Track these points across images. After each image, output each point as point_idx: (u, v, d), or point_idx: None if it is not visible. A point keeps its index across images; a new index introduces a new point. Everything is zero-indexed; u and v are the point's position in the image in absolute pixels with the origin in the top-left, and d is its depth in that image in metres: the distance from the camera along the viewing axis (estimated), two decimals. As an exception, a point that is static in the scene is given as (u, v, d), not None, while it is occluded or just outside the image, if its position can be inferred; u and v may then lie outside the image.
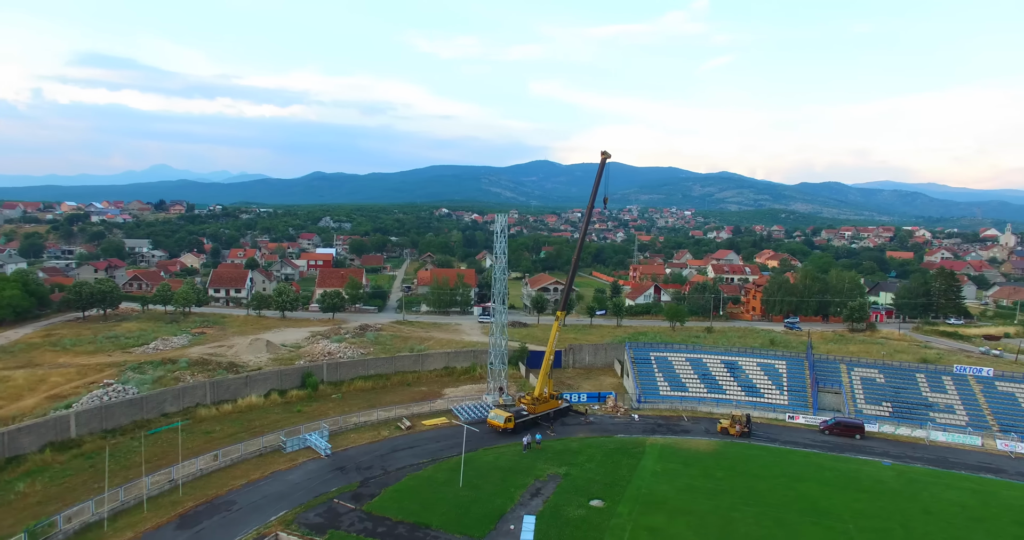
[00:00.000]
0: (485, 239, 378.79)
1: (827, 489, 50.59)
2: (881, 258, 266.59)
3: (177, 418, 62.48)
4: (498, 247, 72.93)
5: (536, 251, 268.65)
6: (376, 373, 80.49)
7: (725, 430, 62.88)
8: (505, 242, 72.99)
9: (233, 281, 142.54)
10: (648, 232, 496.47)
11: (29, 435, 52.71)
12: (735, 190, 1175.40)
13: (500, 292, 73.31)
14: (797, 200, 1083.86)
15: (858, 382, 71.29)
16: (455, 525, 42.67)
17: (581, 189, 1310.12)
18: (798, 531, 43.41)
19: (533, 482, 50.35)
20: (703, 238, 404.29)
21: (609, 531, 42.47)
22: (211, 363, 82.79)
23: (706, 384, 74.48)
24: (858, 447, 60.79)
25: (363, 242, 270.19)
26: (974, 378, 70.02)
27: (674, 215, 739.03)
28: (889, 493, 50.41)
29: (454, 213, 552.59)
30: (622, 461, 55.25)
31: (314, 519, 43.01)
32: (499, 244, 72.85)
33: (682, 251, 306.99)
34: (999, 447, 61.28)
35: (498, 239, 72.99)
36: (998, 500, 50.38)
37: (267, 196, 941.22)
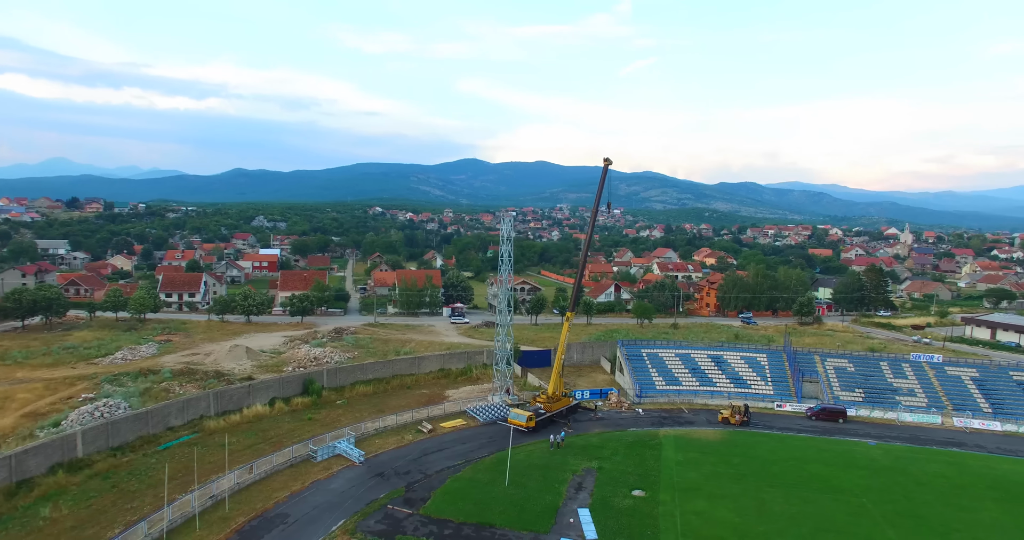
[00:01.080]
0: (425, 238, 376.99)
1: (832, 468, 55.87)
2: (805, 255, 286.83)
3: (183, 431, 60.32)
4: (504, 252, 74.21)
5: (483, 250, 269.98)
6: (374, 377, 79.92)
7: (726, 420, 67.49)
8: (511, 247, 74.31)
9: (186, 285, 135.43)
10: (582, 231, 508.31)
11: (36, 457, 49.32)
12: (659, 189, 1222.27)
13: (505, 295, 74.76)
14: (717, 199, 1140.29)
15: (832, 371, 78.23)
16: (517, 522, 44.12)
17: (510, 187, 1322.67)
18: (823, 507, 47.98)
19: (572, 477, 52.48)
20: (638, 237, 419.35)
21: (661, 518, 45.30)
22: (197, 372, 79.42)
23: (697, 378, 79.24)
24: (844, 430, 67.05)
25: (306, 242, 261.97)
26: (927, 364, 78.59)
27: (603, 214, 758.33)
28: (884, 469, 56.30)
29: (388, 212, 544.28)
30: (645, 453, 58.39)
31: (375, 526, 43.19)
32: (505, 249, 74.14)
33: (623, 250, 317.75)
34: (955, 424, 69.41)
35: (504, 244, 74.25)
36: (970, 470, 57.42)
37: (185, 194, 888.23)
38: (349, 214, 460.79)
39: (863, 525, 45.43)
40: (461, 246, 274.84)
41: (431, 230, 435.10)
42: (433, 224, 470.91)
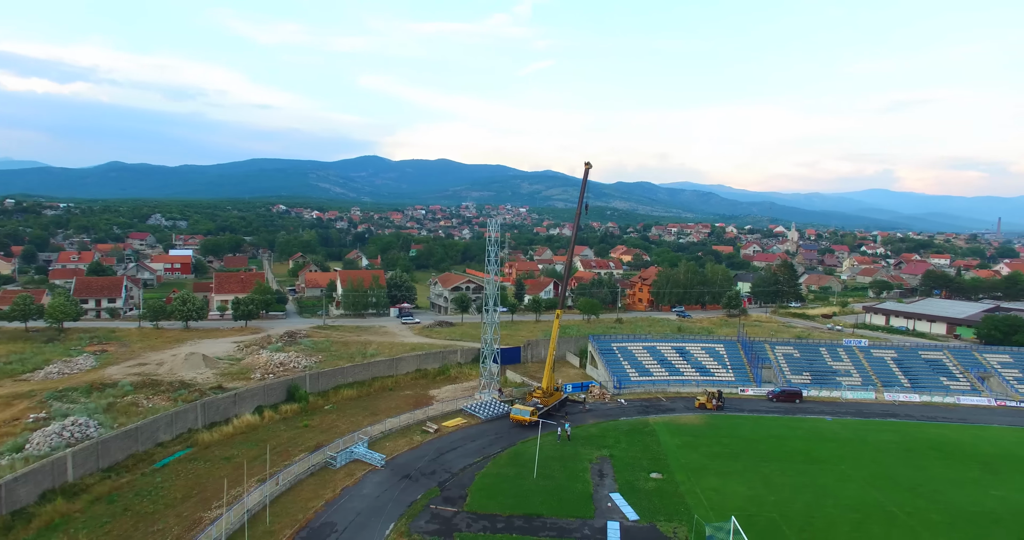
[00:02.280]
0: (339, 237, 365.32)
1: (808, 443, 62.85)
2: (710, 251, 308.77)
3: (175, 446, 56.83)
4: (492, 254, 75.58)
5: (406, 249, 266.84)
6: (355, 380, 78.64)
7: (703, 405, 73.35)
8: (497, 249, 75.81)
9: (105, 290, 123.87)
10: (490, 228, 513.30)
11: (26, 484, 44.75)
12: (560, 188, 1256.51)
13: (493, 295, 76.18)
14: (616, 198, 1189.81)
15: (782, 357, 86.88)
16: (561, 510, 46.27)
17: (412, 185, 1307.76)
18: (814, 476, 54.19)
19: (589, 466, 55.34)
20: (552, 235, 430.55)
21: (686, 496, 49.27)
22: (161, 384, 74.11)
23: (666, 368, 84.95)
24: (802, 409, 75.11)
25: (218, 242, 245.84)
26: (857, 348, 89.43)
27: (510, 212, 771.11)
28: (847, 440, 64.11)
29: (293, 210, 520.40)
30: (645, 440, 62.46)
31: (427, 526, 43.63)
32: (493, 251, 75.54)
33: (542, 248, 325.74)
34: (886, 398, 79.87)
35: (491, 246, 75.64)
36: (910, 435, 66.75)
37: (52, 188, 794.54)
38: (252, 212, 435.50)
39: (851, 489, 51.95)
40: (382, 245, 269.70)
41: (341, 229, 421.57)
42: (343, 222, 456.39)
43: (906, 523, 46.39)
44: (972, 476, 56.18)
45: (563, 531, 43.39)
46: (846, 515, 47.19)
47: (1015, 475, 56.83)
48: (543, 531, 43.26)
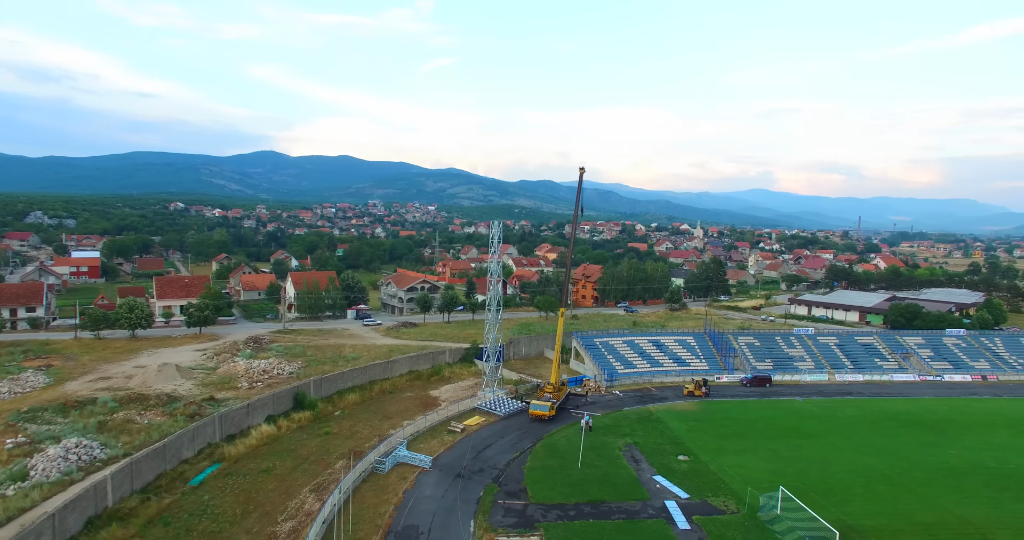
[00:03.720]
0: (251, 236, 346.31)
1: (794, 420, 70.58)
2: (628, 248, 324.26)
3: (201, 463, 54.18)
4: (493, 253, 77.33)
5: (332, 249, 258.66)
6: (353, 385, 77.57)
7: (691, 393, 79.59)
8: (499, 248, 77.65)
9: (24, 298, 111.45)
10: (403, 227, 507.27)
11: (73, 512, 41.63)
12: (465, 186, 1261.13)
13: (495, 296, 77.96)
14: (520, 196, 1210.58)
15: (745, 347, 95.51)
16: (618, 494, 49.65)
17: (313, 182, 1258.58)
18: (814, 449, 61.29)
19: (620, 453, 59.12)
20: (472, 233, 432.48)
21: (719, 474, 54.36)
22: (148, 398, 69.28)
23: (647, 360, 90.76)
24: (774, 392, 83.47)
25: (125, 243, 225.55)
26: (806, 336, 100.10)
27: (419, 210, 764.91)
28: (823, 417, 72.55)
29: (192, 208, 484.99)
30: (655, 426, 67.29)
31: (506, 520, 45.39)
32: (494, 250, 77.31)
33: (467, 247, 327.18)
34: (837, 379, 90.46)
35: (493, 245, 77.39)
36: (868, 409, 76.65)
37: None
38: (147, 210, 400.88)
39: (846, 457, 59.47)
40: (307, 245, 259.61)
41: (250, 228, 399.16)
42: (250, 221, 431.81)
43: (899, 482, 54.21)
44: (928, 439, 65.89)
45: (630, 513, 46.80)
46: (853, 479, 54.31)
47: (959, 436, 67.26)
48: (613, 514, 46.45)
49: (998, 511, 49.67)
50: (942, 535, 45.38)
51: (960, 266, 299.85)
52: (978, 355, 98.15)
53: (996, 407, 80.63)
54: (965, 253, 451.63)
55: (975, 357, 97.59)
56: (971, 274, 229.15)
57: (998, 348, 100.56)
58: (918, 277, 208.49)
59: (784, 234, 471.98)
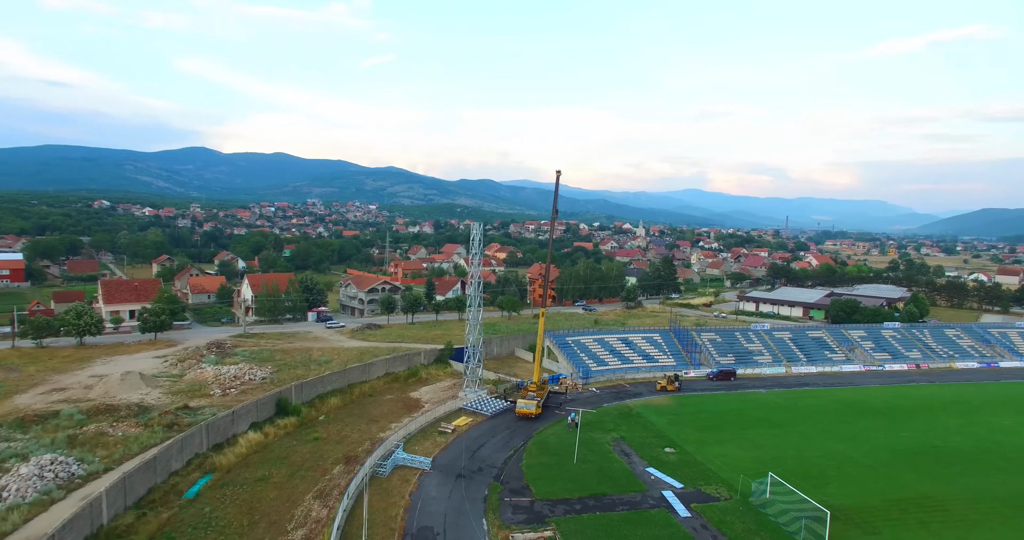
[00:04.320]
0: (189, 236, 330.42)
1: (764, 411, 74.93)
2: (574, 247, 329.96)
3: (188, 473, 52.45)
4: (476, 254, 78.01)
5: (279, 249, 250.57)
6: (333, 389, 76.45)
7: (664, 388, 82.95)
8: (481, 249, 78.40)
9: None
10: (345, 226, 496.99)
11: (71, 532, 39.65)
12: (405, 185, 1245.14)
13: (476, 297, 78.68)
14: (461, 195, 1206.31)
15: (708, 342, 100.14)
16: (618, 487, 51.66)
17: (247, 180, 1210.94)
18: (787, 438, 65.49)
19: (610, 447, 61.29)
20: (419, 232, 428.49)
21: (706, 464, 57.36)
22: (118, 409, 66.12)
23: (617, 357, 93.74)
24: (739, 385, 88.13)
25: (51, 243, 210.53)
26: (762, 331, 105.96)
27: (360, 209, 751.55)
28: (787, 407, 77.43)
29: (119, 206, 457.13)
30: (637, 421, 69.94)
31: (516, 517, 46.47)
32: (476, 251, 77.99)
33: (416, 247, 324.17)
34: (793, 371, 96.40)
35: (474, 246, 78.05)
36: (827, 398, 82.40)
37: None
38: (68, 208, 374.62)
39: (817, 444, 63.94)
40: (253, 245, 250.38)
41: (184, 227, 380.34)
42: (185, 220, 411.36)
43: (866, 464, 58.95)
44: (882, 424, 71.64)
45: (632, 504, 48.89)
46: (825, 463, 58.61)
47: (906, 420, 73.48)
48: (618, 506, 48.40)
49: (951, 485, 55.00)
50: (910, 509, 49.86)
51: (880, 263, 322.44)
52: (911, 345, 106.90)
53: (931, 393, 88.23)
54: (881, 251, 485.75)
55: (909, 348, 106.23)
56: (891, 270, 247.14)
57: (927, 339, 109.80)
58: (849, 274, 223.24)
59: (722, 233, 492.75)
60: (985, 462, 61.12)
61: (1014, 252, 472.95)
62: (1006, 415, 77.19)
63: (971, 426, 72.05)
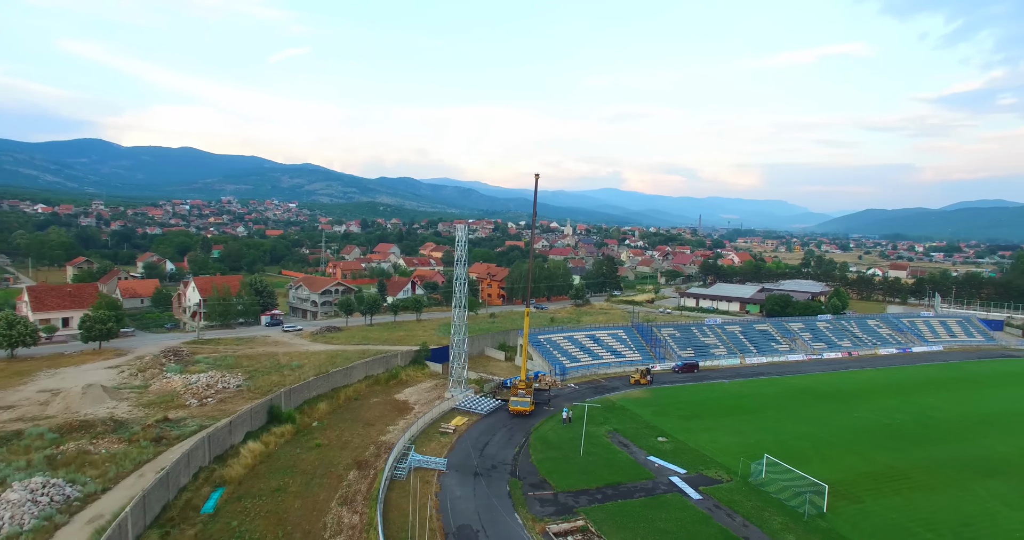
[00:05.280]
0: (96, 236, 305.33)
1: (734, 399, 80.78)
2: (507, 247, 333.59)
3: (197, 488, 50.59)
4: (461, 255, 78.87)
5: (207, 250, 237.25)
6: (319, 394, 75.07)
7: (637, 382, 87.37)
8: (466, 250, 79.34)
9: None
10: (266, 226, 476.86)
11: (102, 556, 37.83)
12: (324, 182, 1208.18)
13: (461, 297, 79.53)
14: (381, 193, 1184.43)
15: (669, 337, 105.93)
16: (628, 476, 54.75)
17: (151, 176, 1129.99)
18: (762, 423, 71.21)
19: (608, 440, 64.41)
20: (349, 232, 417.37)
21: (699, 449, 61.69)
22: (94, 425, 61.91)
23: (588, 354, 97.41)
24: (703, 377, 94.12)
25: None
26: (716, 326, 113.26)
27: (279, 208, 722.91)
28: (753, 395, 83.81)
29: (4, 202, 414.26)
30: (624, 414, 73.58)
31: (545, 510, 48.39)
32: (461, 252, 78.86)
33: (350, 246, 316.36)
34: (747, 362, 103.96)
35: (460, 247, 78.91)
36: (783, 386, 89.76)
37: None
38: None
39: (789, 427, 70.03)
40: (178, 246, 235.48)
41: (89, 226, 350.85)
42: (88, 219, 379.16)
43: (835, 443, 65.47)
44: (837, 407, 79.28)
45: (647, 491, 52.13)
46: (802, 444, 64.53)
47: (854, 402, 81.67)
48: (635, 493, 51.47)
49: (907, 456, 62.35)
50: (881, 480, 56.26)
51: (791, 259, 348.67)
52: (842, 335, 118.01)
53: (866, 377, 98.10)
54: (788, 248, 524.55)
55: (840, 337, 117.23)
56: (804, 267, 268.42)
57: (854, 329, 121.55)
58: (771, 270, 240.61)
59: (646, 231, 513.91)
60: (927, 435, 69.44)
61: (896, 249, 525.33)
62: (931, 394, 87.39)
63: (907, 405, 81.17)
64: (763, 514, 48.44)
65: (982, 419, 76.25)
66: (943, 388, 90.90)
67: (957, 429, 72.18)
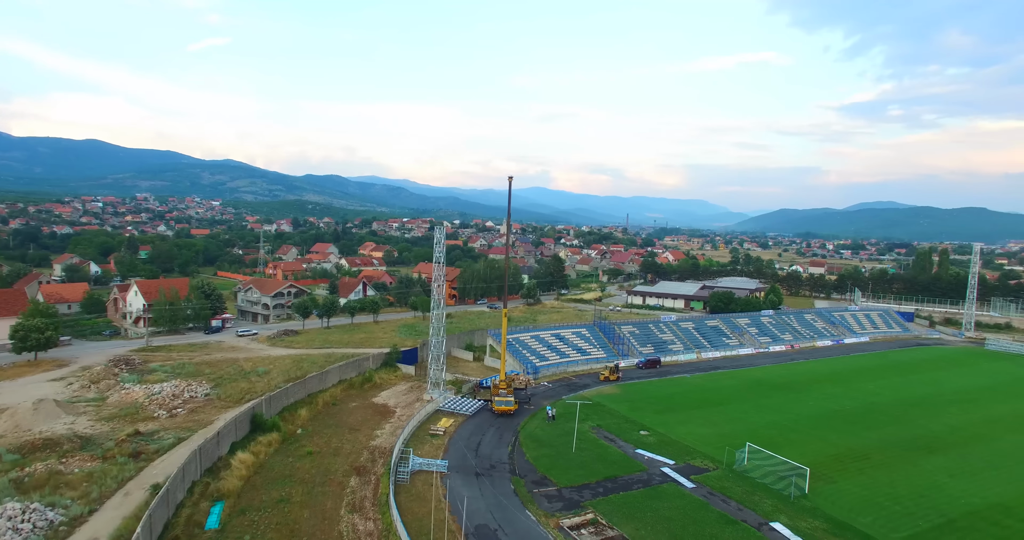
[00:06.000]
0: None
1: (697, 393, 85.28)
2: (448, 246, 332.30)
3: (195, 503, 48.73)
4: (439, 259, 79.03)
5: (134, 250, 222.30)
6: (296, 400, 73.29)
7: (607, 378, 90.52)
8: (444, 251, 79.57)
9: None
10: (190, 225, 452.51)
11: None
12: (247, 180, 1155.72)
13: (439, 298, 79.69)
14: (308, 191, 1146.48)
15: (629, 335, 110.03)
16: (623, 470, 57.13)
17: (50, 169, 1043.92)
18: (728, 413, 75.72)
19: (594, 435, 66.74)
20: (281, 232, 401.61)
21: (681, 441, 65.12)
22: (59, 443, 57.85)
23: (555, 352, 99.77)
24: (665, 372, 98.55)
25: None
26: (671, 323, 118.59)
27: (202, 205, 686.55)
28: (715, 388, 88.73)
29: None
30: (602, 410, 76.18)
31: (554, 505, 49.92)
32: (438, 253, 79.04)
33: (287, 246, 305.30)
34: (703, 356, 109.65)
35: (437, 248, 79.17)
36: (741, 378, 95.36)
37: None
38: None
39: (755, 417, 74.86)
40: (100, 247, 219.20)
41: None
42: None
43: (799, 429, 70.76)
44: (792, 396, 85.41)
45: (644, 482, 54.74)
46: (770, 432, 69.30)
47: (805, 391, 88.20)
48: (633, 485, 53.94)
49: (861, 438, 68.41)
50: (845, 460, 61.61)
51: (720, 257, 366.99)
52: (784, 329, 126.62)
53: (810, 368, 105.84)
54: (713, 246, 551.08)
55: (783, 331, 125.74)
56: (734, 265, 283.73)
57: (794, 323, 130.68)
58: (707, 267, 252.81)
59: (580, 230, 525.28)
60: (872, 419, 76.22)
61: (810, 247, 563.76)
62: (868, 381, 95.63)
63: (850, 392, 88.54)
64: (753, 498, 52.14)
65: (914, 402, 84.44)
66: (877, 375, 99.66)
67: (895, 412, 79.65)
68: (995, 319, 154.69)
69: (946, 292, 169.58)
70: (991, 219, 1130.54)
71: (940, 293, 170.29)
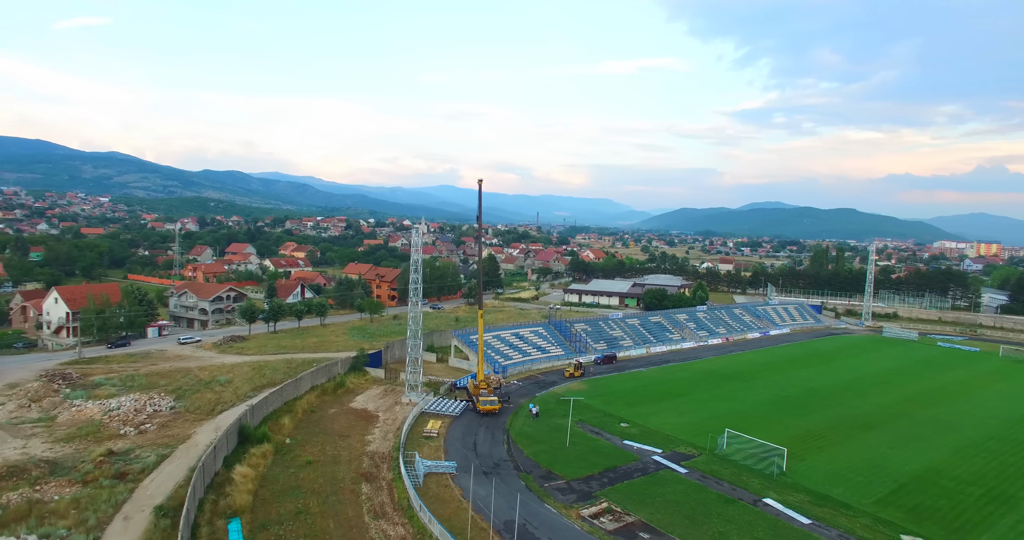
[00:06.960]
0: None
1: (658, 386, 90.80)
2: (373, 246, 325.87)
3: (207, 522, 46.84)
4: (416, 259, 79.12)
5: (24, 252, 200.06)
6: (274, 409, 70.96)
7: (572, 375, 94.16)
8: (420, 251, 79.72)
9: None
10: (77, 222, 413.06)
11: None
12: (138, 174, 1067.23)
13: (418, 296, 79.82)
14: (207, 187, 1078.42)
15: (583, 332, 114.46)
16: (619, 460, 60.56)
17: None
18: (696, 404, 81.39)
19: (580, 428, 69.93)
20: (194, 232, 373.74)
21: (661, 430, 69.69)
22: (26, 470, 53.18)
23: (517, 351, 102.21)
24: (622, 367, 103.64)
25: None
26: (619, 320, 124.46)
27: (87, 202, 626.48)
28: (672, 381, 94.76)
29: None
30: (579, 405, 79.09)
31: (569, 498, 52.35)
32: (417, 257, 79.13)
33: (200, 247, 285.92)
34: (651, 351, 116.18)
35: (414, 250, 79.30)
36: (693, 370, 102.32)
37: None
38: None
39: (716, 406, 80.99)
40: None
41: None
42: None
43: (760, 415, 77.58)
44: (741, 385, 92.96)
45: (642, 471, 58.49)
46: (734, 419, 75.38)
47: (753, 380, 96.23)
48: (633, 474, 57.54)
49: (812, 420, 76.35)
50: (807, 440, 68.68)
51: (634, 255, 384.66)
52: (718, 323, 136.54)
53: (748, 358, 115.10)
54: (624, 244, 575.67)
55: (717, 325, 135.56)
56: (651, 262, 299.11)
57: (726, 318, 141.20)
58: (630, 265, 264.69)
59: (497, 229, 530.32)
60: (815, 402, 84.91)
61: (713, 244, 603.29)
62: (801, 368, 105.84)
63: (790, 379, 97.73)
64: (742, 478, 57.31)
65: (844, 386, 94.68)
66: (806, 363, 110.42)
67: (831, 394, 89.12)
68: (885, 309, 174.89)
69: (844, 286, 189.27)
70: (860, 219, 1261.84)
71: (839, 287, 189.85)
